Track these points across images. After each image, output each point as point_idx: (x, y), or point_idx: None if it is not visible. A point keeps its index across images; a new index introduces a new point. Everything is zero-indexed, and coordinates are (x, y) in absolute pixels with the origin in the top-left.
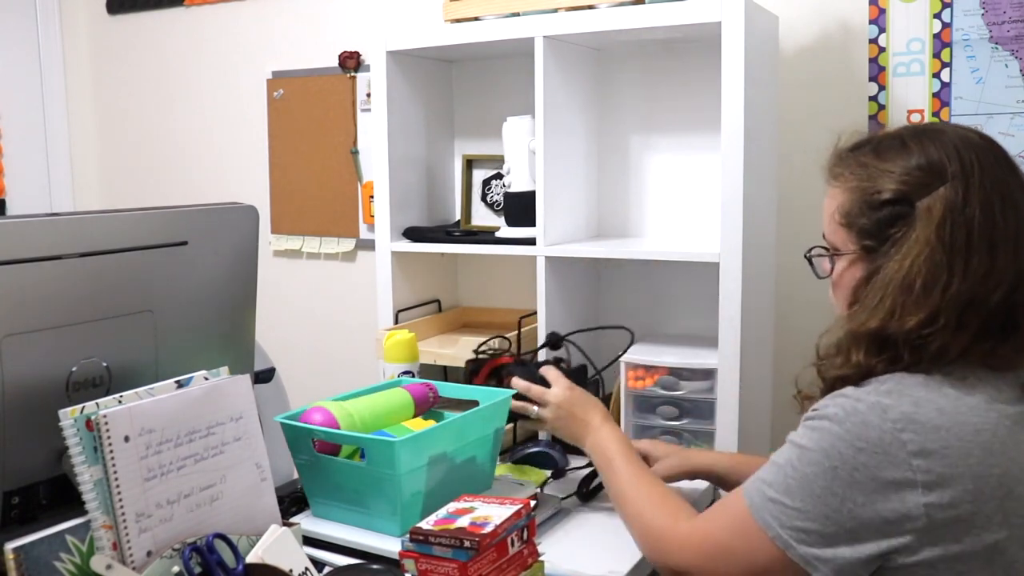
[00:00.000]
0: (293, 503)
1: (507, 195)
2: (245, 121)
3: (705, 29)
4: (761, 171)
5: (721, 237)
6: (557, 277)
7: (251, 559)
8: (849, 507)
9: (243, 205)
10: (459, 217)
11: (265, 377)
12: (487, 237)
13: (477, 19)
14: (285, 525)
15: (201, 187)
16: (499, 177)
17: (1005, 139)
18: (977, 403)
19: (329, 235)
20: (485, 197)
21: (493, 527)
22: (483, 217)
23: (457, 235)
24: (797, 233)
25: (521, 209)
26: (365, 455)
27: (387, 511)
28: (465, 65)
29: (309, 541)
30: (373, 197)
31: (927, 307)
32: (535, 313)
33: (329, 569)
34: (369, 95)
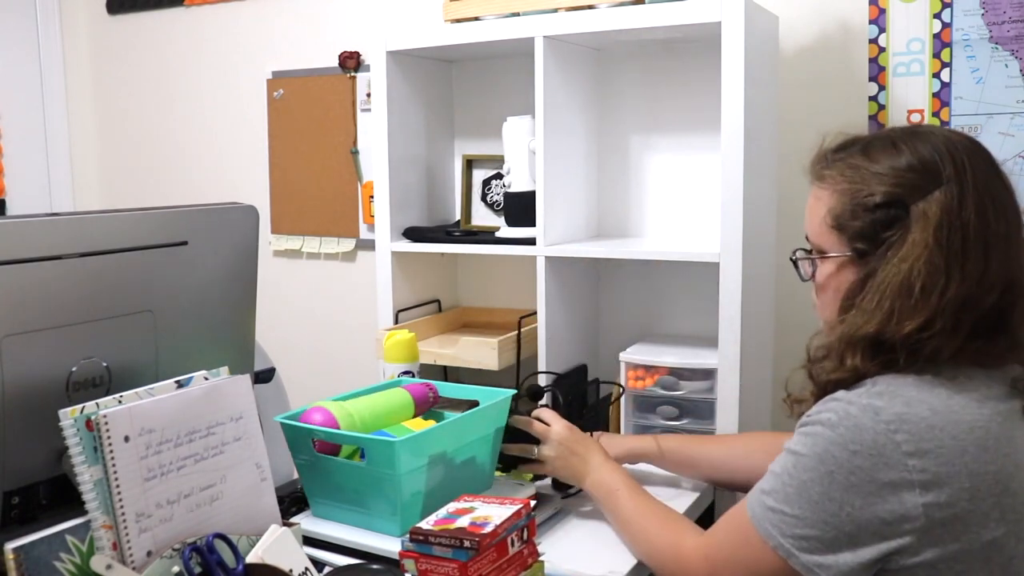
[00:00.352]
0: (293, 503)
1: (507, 195)
2: (245, 121)
3: (705, 29)
4: (761, 171)
5: (721, 237)
6: (557, 277)
7: (251, 559)
8: (848, 511)
9: (243, 205)
10: (459, 217)
11: (265, 377)
12: (487, 237)
13: (477, 19)
14: (285, 525)
15: (201, 187)
16: (499, 177)
17: (1005, 139)
18: (969, 400)
19: (329, 235)
20: (485, 197)
21: (493, 527)
22: (483, 217)
23: (457, 235)
24: (797, 233)
25: (521, 209)
26: (365, 455)
27: (387, 511)
28: (465, 65)
29: (309, 541)
30: (373, 197)
31: (925, 311)
32: (535, 313)
33: (329, 569)
34: (369, 95)
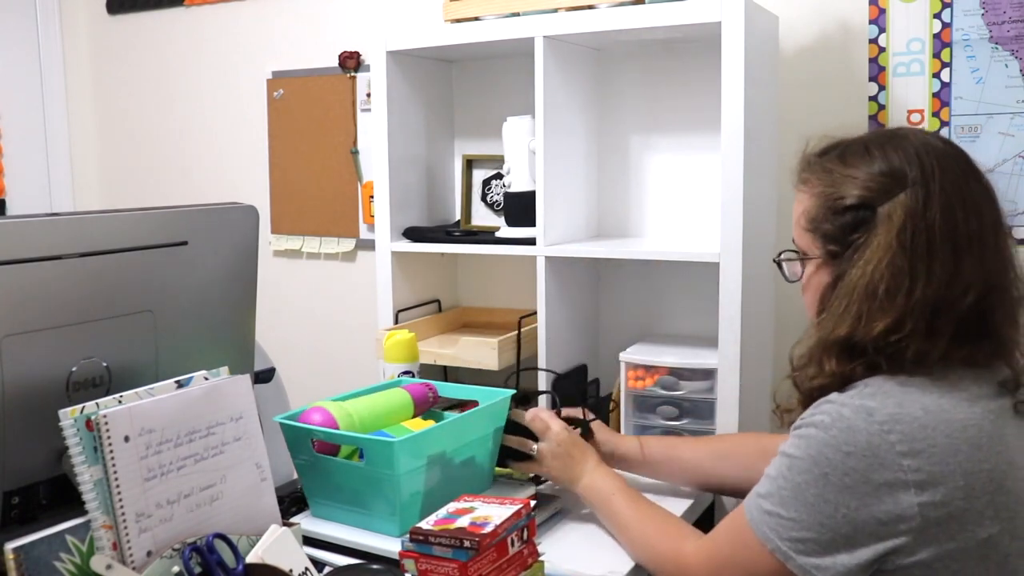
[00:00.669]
0: (293, 503)
1: (507, 195)
2: (245, 121)
3: (705, 29)
4: (761, 171)
5: (721, 237)
6: (557, 277)
7: (251, 559)
8: (843, 512)
9: (243, 205)
10: (459, 217)
11: (265, 377)
12: (487, 237)
13: (477, 19)
14: (285, 525)
15: (201, 187)
16: (499, 177)
17: (1005, 139)
18: (961, 400)
19: (329, 235)
20: (485, 197)
21: (493, 527)
22: (483, 217)
23: (457, 235)
24: None
25: (521, 209)
26: (364, 455)
27: (386, 511)
28: (465, 65)
29: (309, 541)
30: (373, 197)
31: (892, 312)
32: (535, 313)
33: (329, 569)
34: (369, 95)
